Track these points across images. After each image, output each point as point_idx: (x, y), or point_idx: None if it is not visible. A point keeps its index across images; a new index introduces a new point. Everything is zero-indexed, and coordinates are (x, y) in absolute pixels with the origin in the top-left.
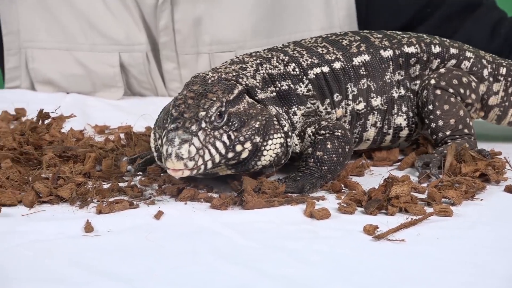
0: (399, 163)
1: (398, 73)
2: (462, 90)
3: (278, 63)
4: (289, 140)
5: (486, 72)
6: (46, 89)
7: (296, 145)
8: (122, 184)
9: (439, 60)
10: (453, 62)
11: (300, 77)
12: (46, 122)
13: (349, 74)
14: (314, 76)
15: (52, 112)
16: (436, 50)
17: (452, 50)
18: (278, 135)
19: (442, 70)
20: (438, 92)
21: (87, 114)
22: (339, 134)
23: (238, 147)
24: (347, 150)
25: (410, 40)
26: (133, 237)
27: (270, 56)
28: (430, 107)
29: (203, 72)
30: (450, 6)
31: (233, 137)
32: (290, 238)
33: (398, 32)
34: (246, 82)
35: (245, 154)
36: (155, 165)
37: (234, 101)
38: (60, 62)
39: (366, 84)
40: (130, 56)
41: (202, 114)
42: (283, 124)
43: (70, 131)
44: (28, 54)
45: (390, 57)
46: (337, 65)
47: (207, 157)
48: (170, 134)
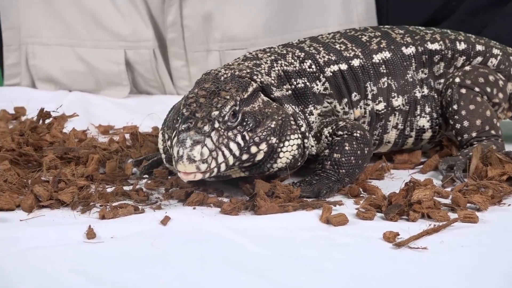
0: (422, 166)
1: (421, 71)
2: (488, 89)
3: (293, 60)
4: (306, 141)
5: None
6: (47, 87)
7: (312, 146)
8: (126, 187)
9: (465, 57)
10: (479, 59)
11: (316, 74)
12: (47, 121)
13: (368, 72)
14: (331, 74)
15: (53, 111)
16: (461, 47)
17: (478, 47)
18: (295, 136)
19: (467, 68)
20: (463, 91)
21: (91, 113)
22: (358, 135)
23: (253, 149)
24: (366, 152)
25: (433, 36)
26: (138, 243)
27: (285, 52)
28: (455, 107)
29: (215, 69)
30: (477, 0)
31: (247, 138)
32: (305, 246)
33: (421, 27)
34: (261, 80)
35: (260, 156)
36: (162, 167)
37: (249, 99)
38: (62, 58)
39: (386, 83)
40: (136, 53)
41: (215, 113)
42: (300, 124)
43: (72, 131)
44: (28, 50)
45: (412, 54)
46: (355, 62)
47: (221, 159)
48: (181, 135)
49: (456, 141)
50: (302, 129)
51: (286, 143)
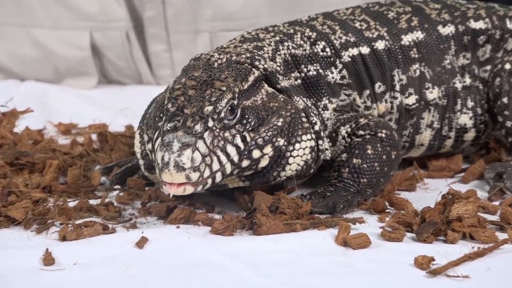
0: (463, 174)
1: (462, 56)
2: None
3: (303, 41)
4: (320, 142)
5: None
6: None
7: (326, 149)
8: (93, 201)
9: None
10: None
11: (331, 60)
12: None
13: (396, 57)
14: (350, 59)
15: (1, 105)
16: None
17: None
18: (308, 136)
19: None
20: None
21: (48, 108)
22: (383, 135)
23: (256, 153)
24: (394, 157)
25: (478, 12)
26: (107, 272)
27: (292, 32)
28: (505, 100)
29: (206, 53)
30: None
31: (248, 139)
32: (316, 274)
33: (461, 1)
34: (264, 66)
35: (264, 162)
36: (138, 176)
37: (249, 91)
38: (12, 41)
39: (418, 70)
40: (105, 35)
41: (209, 109)
42: (313, 121)
43: (25, 131)
44: None
45: (451, 35)
46: (380, 45)
47: (216, 166)
48: (166, 137)
49: (506, 142)
50: (316, 127)
51: (297, 146)
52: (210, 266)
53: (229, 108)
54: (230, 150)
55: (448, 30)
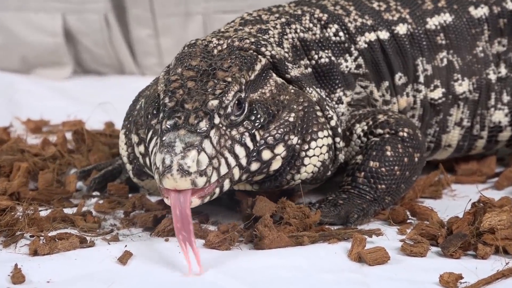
0: (496, 179)
1: (497, 42)
2: None
3: (312, 24)
4: (338, 140)
5: None
6: None
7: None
8: (68, 210)
9: None
10: None
11: (345, 46)
12: None
13: (419, 43)
14: (367, 45)
15: None
16: None
17: None
18: (324, 133)
19: None
20: None
21: (15, 102)
22: (405, 135)
23: (266, 154)
24: (417, 159)
25: None
26: None
27: (300, 12)
28: None
29: (202, 38)
30: None
31: (258, 138)
32: None
33: None
34: (271, 53)
35: (276, 164)
36: (120, 181)
37: (256, 82)
38: None
39: (446, 59)
40: (80, 18)
41: (214, 103)
42: (329, 115)
43: None
44: None
45: (484, 17)
46: (401, 29)
47: (223, 170)
48: (166, 136)
49: None
50: (332, 122)
51: (312, 144)
52: (204, 286)
53: (236, 102)
54: (239, 151)
55: (481, 12)
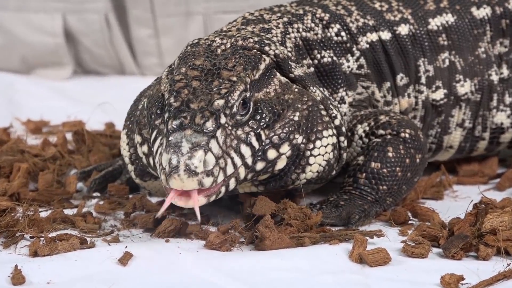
0: (498, 180)
1: (499, 43)
2: None
3: (314, 24)
4: (342, 139)
5: None
6: None
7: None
8: (68, 211)
9: None
10: None
11: (347, 46)
12: None
13: (421, 44)
14: (368, 45)
15: None
16: None
17: None
18: (329, 132)
19: None
20: None
21: (15, 103)
22: (407, 135)
23: (271, 153)
24: (418, 160)
25: None
26: None
27: (302, 12)
28: None
29: (205, 37)
30: None
31: (263, 137)
32: None
33: None
34: (275, 52)
35: (281, 164)
36: (121, 181)
37: (260, 81)
38: None
39: (448, 60)
40: (81, 18)
41: (220, 103)
42: (333, 114)
43: None
44: None
45: (487, 18)
46: (403, 29)
47: (230, 169)
48: (173, 136)
49: None
50: (336, 121)
51: (317, 143)
52: (204, 286)
53: (241, 101)
54: (245, 150)
55: (483, 12)
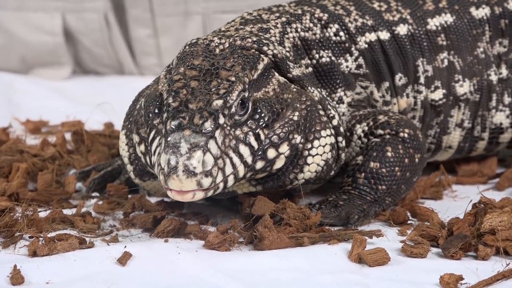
0: (497, 180)
1: (498, 43)
2: None
3: (312, 24)
4: (340, 139)
5: None
6: None
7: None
8: (68, 211)
9: None
10: None
11: (346, 46)
12: None
13: (420, 44)
14: (367, 45)
15: None
16: None
17: None
18: (327, 132)
19: None
20: None
21: (14, 103)
22: (406, 135)
23: (271, 153)
24: (417, 160)
25: None
26: None
27: (300, 12)
28: None
29: (204, 37)
30: None
31: (262, 137)
32: None
33: None
34: (274, 52)
35: (280, 163)
36: (120, 181)
37: (259, 81)
38: None
39: (447, 60)
40: (80, 18)
41: (218, 103)
42: (331, 114)
43: None
44: None
45: (486, 18)
46: (402, 29)
47: (229, 169)
48: (171, 137)
49: None
50: (334, 121)
51: (316, 143)
52: (204, 287)
53: (239, 102)
54: (243, 150)
55: (482, 12)
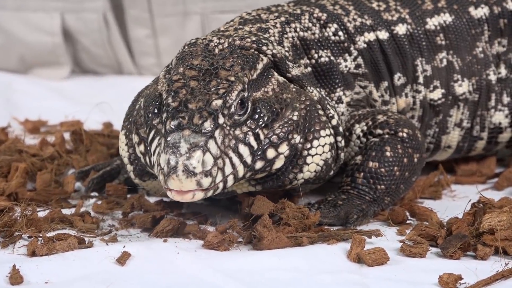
0: (496, 180)
1: (497, 43)
2: None
3: (311, 24)
4: (339, 139)
5: None
6: None
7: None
8: (66, 210)
9: None
10: None
11: (344, 45)
12: None
13: (419, 44)
14: (366, 45)
15: None
16: None
17: None
18: (326, 132)
19: None
20: None
21: (13, 102)
22: (405, 135)
23: (270, 152)
24: (416, 160)
25: None
26: None
27: (299, 12)
28: None
29: (203, 37)
30: None
31: (262, 136)
32: None
33: None
34: (273, 52)
35: (279, 163)
36: (119, 181)
37: (258, 81)
38: None
39: (446, 60)
40: (79, 18)
41: (218, 103)
42: (330, 114)
43: None
44: None
45: (485, 17)
46: (401, 29)
47: (228, 169)
48: (171, 137)
49: None
50: (334, 121)
51: (315, 143)
52: (203, 286)
53: (239, 101)
54: (243, 150)
55: (481, 12)
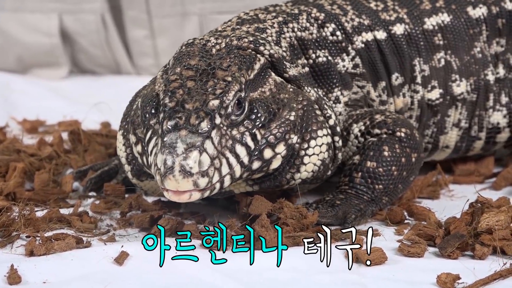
0: (494, 179)
1: (495, 43)
2: None
3: (309, 23)
4: (336, 139)
5: None
6: None
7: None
8: (65, 210)
9: None
10: None
11: (342, 45)
12: None
13: (417, 44)
14: (363, 45)
15: None
16: None
17: None
18: (324, 132)
19: None
20: None
21: (11, 102)
22: (403, 135)
23: (267, 153)
24: (414, 160)
25: None
26: None
27: (297, 12)
28: None
29: (200, 37)
30: None
31: (259, 137)
32: None
33: None
34: (270, 52)
35: (276, 163)
36: (117, 181)
37: (255, 81)
38: None
39: (444, 60)
40: (77, 19)
41: (214, 103)
42: (328, 114)
43: None
44: None
45: (483, 17)
46: (398, 29)
47: (225, 170)
48: (167, 137)
49: None
50: (331, 121)
51: (312, 143)
52: (201, 286)
53: (236, 102)
54: (240, 150)
55: (479, 12)
